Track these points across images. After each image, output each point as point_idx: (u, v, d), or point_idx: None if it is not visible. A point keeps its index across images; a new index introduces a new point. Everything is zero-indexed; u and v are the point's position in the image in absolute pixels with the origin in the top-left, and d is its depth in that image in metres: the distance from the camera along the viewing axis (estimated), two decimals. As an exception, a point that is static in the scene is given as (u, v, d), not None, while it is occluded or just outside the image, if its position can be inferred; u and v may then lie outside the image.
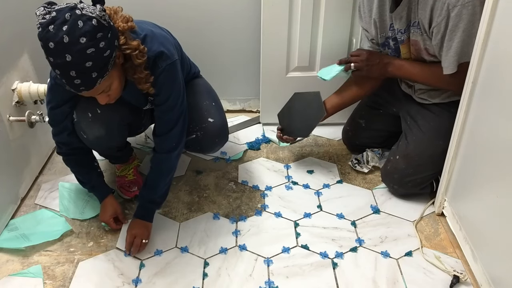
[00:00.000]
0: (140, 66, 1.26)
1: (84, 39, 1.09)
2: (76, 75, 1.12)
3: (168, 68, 1.34)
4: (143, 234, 1.49)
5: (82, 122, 1.43)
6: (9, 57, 1.61)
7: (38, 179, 1.82)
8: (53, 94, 1.40)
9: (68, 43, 1.08)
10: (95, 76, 1.14)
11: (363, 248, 1.51)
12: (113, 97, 1.29)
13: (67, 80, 1.14)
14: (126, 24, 1.21)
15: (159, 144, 1.48)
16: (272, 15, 1.87)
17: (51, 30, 1.08)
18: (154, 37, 1.33)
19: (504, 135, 1.19)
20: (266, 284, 1.38)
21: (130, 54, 1.22)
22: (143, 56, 1.25)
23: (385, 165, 1.72)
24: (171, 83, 1.38)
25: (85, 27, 1.09)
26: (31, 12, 1.74)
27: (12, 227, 1.57)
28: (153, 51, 1.30)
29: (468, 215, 1.43)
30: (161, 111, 1.43)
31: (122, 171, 1.74)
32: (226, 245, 1.52)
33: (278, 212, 1.65)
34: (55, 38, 1.08)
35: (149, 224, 1.52)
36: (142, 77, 1.28)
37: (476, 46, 1.29)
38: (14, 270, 1.44)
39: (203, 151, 1.75)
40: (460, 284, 1.36)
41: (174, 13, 1.96)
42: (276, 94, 2.06)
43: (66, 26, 1.07)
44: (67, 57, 1.09)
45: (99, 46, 1.11)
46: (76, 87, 1.16)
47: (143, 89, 1.32)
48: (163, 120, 1.45)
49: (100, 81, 1.17)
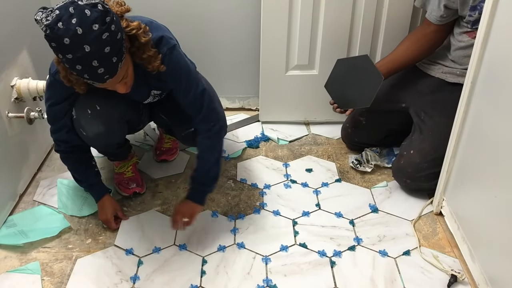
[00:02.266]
0: (148, 44, 1.25)
1: (96, 25, 1.08)
2: (99, 63, 1.11)
3: (169, 52, 1.34)
4: (185, 213, 1.48)
5: (81, 118, 1.43)
6: (8, 54, 1.61)
7: (37, 176, 1.82)
8: (52, 91, 1.39)
9: (83, 34, 1.07)
10: (116, 60, 1.14)
11: (361, 247, 1.51)
12: (129, 84, 1.29)
13: (90, 72, 1.13)
14: (122, 7, 1.21)
15: (200, 127, 1.48)
16: (272, 12, 1.87)
17: (62, 27, 1.06)
18: (152, 26, 1.33)
19: (503, 135, 1.19)
20: (264, 282, 1.39)
21: (136, 34, 1.22)
22: (148, 34, 1.25)
23: (398, 160, 1.71)
24: (177, 66, 1.37)
25: (94, 14, 1.08)
26: (30, 8, 1.75)
27: (10, 224, 1.57)
28: (152, 38, 1.29)
29: (466, 215, 1.43)
30: (182, 98, 1.43)
31: (120, 168, 1.73)
32: (225, 243, 1.52)
33: (277, 211, 1.66)
34: (68, 33, 1.06)
35: (197, 206, 1.50)
36: (151, 55, 1.27)
37: (475, 46, 1.29)
38: (12, 266, 1.44)
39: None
40: (458, 283, 1.37)
41: (173, 10, 1.95)
42: (275, 92, 2.06)
43: (75, 18, 1.07)
44: (86, 48, 1.08)
45: (111, 30, 1.11)
46: (100, 77, 1.15)
47: (153, 68, 1.31)
48: (188, 105, 1.44)
49: (120, 65, 1.17)
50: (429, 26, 1.64)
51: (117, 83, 1.24)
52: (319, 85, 1.76)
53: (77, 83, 1.26)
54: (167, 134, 1.89)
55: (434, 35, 1.65)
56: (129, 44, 1.23)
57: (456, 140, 1.44)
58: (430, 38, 1.66)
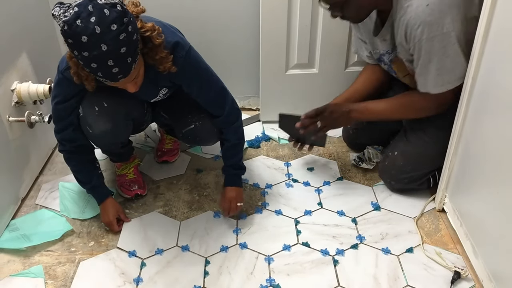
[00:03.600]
0: (161, 46, 1.26)
1: (114, 25, 1.09)
2: (114, 63, 1.13)
3: (187, 55, 1.36)
4: (237, 197, 1.59)
5: (88, 116, 1.43)
6: (7, 57, 1.61)
7: (38, 179, 1.82)
8: (60, 88, 1.39)
9: (101, 33, 1.08)
10: (130, 61, 1.16)
11: (364, 245, 1.51)
12: (139, 84, 1.30)
13: (104, 71, 1.14)
14: (137, 8, 1.22)
15: (222, 124, 1.56)
16: (271, 12, 1.87)
17: (80, 24, 1.07)
18: (165, 28, 1.34)
19: (504, 131, 1.19)
20: (267, 282, 1.39)
21: (150, 36, 1.23)
22: (161, 36, 1.26)
23: (383, 160, 1.72)
24: (197, 67, 1.42)
25: (113, 14, 1.09)
26: (30, 12, 1.76)
27: (13, 228, 1.57)
28: (169, 41, 1.30)
29: (469, 211, 1.43)
30: (204, 97, 1.49)
31: (122, 170, 1.73)
32: (227, 243, 1.52)
33: (279, 210, 1.65)
34: (86, 31, 1.07)
35: (240, 189, 1.62)
36: (163, 56, 1.28)
37: (475, 43, 1.29)
38: (15, 270, 1.44)
39: (200, 142, 1.73)
40: (461, 280, 1.36)
41: (173, 11, 1.95)
42: (275, 91, 2.06)
43: (94, 17, 1.07)
44: (103, 47, 1.09)
45: (128, 30, 1.12)
46: (114, 76, 1.16)
47: (164, 69, 1.31)
48: (212, 103, 1.52)
49: (134, 66, 1.18)
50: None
51: (128, 82, 1.25)
52: (319, 83, 1.77)
53: (87, 79, 1.28)
54: (168, 135, 1.89)
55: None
56: (142, 45, 1.23)
57: (457, 135, 1.44)
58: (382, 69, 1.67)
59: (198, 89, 1.46)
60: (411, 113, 1.56)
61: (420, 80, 1.44)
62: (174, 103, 1.62)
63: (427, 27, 1.31)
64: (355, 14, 1.44)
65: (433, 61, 1.36)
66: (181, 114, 1.62)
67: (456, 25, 1.31)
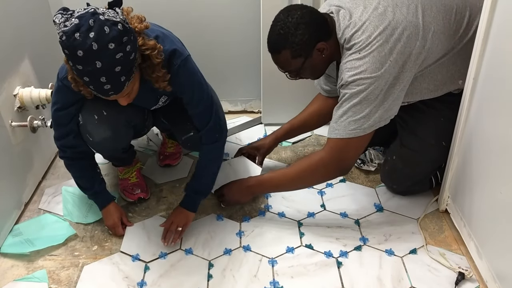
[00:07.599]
0: (159, 65, 1.27)
1: (112, 44, 1.09)
2: (106, 80, 1.13)
3: (183, 64, 1.35)
4: (180, 222, 1.53)
5: (88, 124, 1.43)
6: (10, 63, 1.61)
7: (41, 184, 1.82)
8: (59, 95, 1.39)
9: (97, 50, 1.08)
10: (124, 79, 1.16)
11: (367, 246, 1.51)
12: (132, 97, 1.30)
13: (96, 86, 1.15)
14: (141, 24, 1.21)
15: (204, 137, 1.52)
16: (272, 15, 1.85)
17: (78, 38, 1.07)
18: (165, 37, 1.34)
19: (507, 130, 1.19)
20: (271, 284, 1.38)
21: (150, 54, 1.23)
22: (161, 55, 1.26)
23: (383, 165, 1.72)
24: (190, 78, 1.40)
25: (112, 33, 1.09)
26: (32, 17, 1.76)
27: (16, 232, 1.57)
28: (166, 50, 1.30)
29: (472, 212, 1.42)
30: (191, 108, 1.46)
31: (125, 174, 1.74)
32: (230, 246, 1.52)
33: (282, 212, 1.65)
34: (83, 46, 1.07)
35: (190, 214, 1.55)
36: (160, 75, 1.29)
37: (476, 42, 1.29)
38: (19, 275, 1.44)
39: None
40: (466, 280, 1.36)
41: (174, 14, 1.96)
42: (277, 94, 2.06)
43: (93, 33, 1.07)
44: (97, 64, 1.09)
45: (126, 50, 1.12)
46: (105, 92, 1.17)
47: (160, 87, 1.32)
48: (197, 115, 1.48)
49: (127, 84, 1.18)
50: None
51: (121, 97, 1.25)
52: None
53: (84, 86, 1.27)
54: (170, 139, 1.89)
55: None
56: (141, 60, 1.23)
57: (460, 136, 1.44)
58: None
59: (188, 99, 1.44)
60: (314, 175, 1.52)
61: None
62: (174, 110, 1.61)
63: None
64: (312, 75, 1.52)
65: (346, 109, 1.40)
66: (180, 121, 1.61)
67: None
